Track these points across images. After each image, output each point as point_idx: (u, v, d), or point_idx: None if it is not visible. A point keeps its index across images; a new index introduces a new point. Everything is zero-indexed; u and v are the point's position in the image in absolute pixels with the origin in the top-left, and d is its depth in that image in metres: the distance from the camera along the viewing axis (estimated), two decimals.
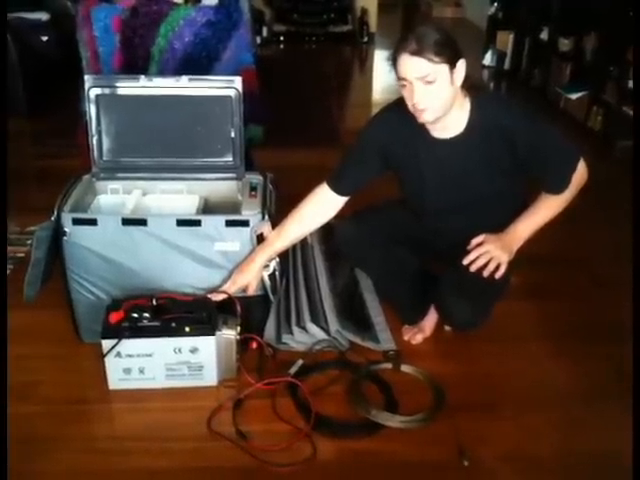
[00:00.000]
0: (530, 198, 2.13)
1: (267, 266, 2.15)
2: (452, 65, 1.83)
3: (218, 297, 2.11)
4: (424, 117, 1.91)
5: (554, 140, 2.01)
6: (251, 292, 2.15)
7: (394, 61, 1.85)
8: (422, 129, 1.99)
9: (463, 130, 1.98)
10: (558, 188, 2.05)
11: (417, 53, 1.79)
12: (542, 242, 2.14)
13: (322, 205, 2.17)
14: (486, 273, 1.99)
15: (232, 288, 2.13)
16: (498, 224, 2.08)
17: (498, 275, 2.00)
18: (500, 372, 2.22)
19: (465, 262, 2.00)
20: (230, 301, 2.10)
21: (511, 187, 2.11)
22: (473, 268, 1.99)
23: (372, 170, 2.15)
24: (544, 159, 1.99)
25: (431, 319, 2.36)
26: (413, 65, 1.82)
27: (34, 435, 1.92)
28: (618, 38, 4.20)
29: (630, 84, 4.08)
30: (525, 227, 2.07)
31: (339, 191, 2.15)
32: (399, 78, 1.87)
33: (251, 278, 2.13)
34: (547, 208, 2.08)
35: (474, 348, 2.32)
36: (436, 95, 1.85)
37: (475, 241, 2.04)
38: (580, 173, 2.05)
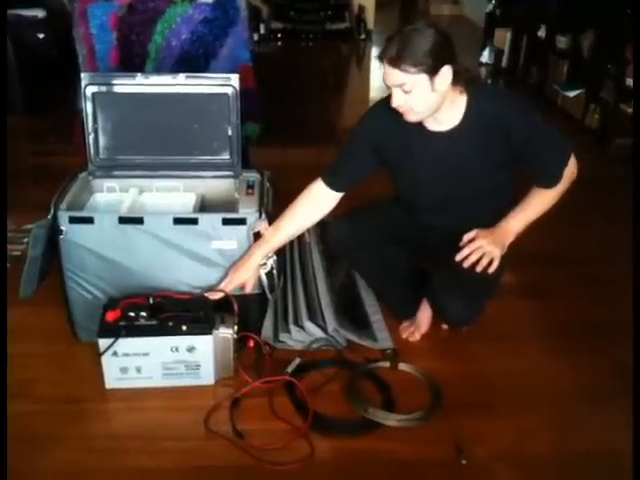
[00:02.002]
0: (519, 194, 2.13)
1: (264, 264, 2.15)
2: (433, 73, 1.82)
3: (215, 296, 2.11)
4: (407, 118, 1.93)
5: (548, 134, 2.02)
6: (248, 290, 2.15)
7: (380, 61, 1.87)
8: (416, 123, 1.99)
9: (458, 123, 1.97)
10: (550, 182, 2.05)
11: (394, 64, 1.80)
12: (539, 240, 2.15)
13: (317, 201, 2.17)
14: (479, 268, 1.98)
15: (229, 286, 2.12)
16: (490, 219, 2.08)
17: (491, 270, 1.99)
18: (498, 371, 2.22)
19: (458, 258, 2.00)
20: (227, 300, 2.10)
21: (504, 181, 2.11)
22: (466, 264, 1.98)
23: (366, 166, 2.15)
24: (537, 152, 2.00)
25: (425, 314, 2.36)
26: (390, 74, 1.84)
27: (31, 434, 1.91)
28: (616, 36, 4.19)
29: (628, 82, 4.07)
30: (517, 222, 2.07)
31: (334, 187, 2.15)
32: (383, 80, 1.89)
33: (248, 276, 2.13)
34: (538, 202, 2.08)
35: (472, 347, 2.32)
36: (414, 102, 1.87)
37: (467, 237, 2.03)
38: (571, 169, 2.05)
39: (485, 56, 6.57)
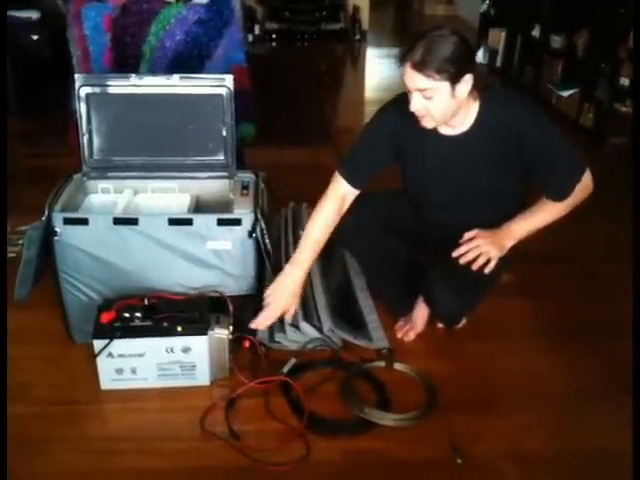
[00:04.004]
0: (529, 199, 2.13)
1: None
2: (456, 81, 1.83)
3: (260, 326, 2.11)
4: (423, 123, 1.94)
5: (561, 147, 2.02)
6: (289, 316, 2.16)
7: (401, 63, 1.86)
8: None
9: (470, 128, 1.99)
10: (559, 196, 2.06)
11: (418, 68, 1.81)
12: (535, 239, 2.15)
13: (340, 201, 2.15)
14: (475, 267, 2.00)
15: (271, 318, 2.12)
16: (494, 221, 2.09)
17: (487, 270, 2.01)
18: (494, 370, 2.22)
19: (455, 254, 2.02)
20: (222, 300, 2.09)
21: (511, 186, 2.13)
22: (462, 260, 2.01)
23: (386, 157, 2.15)
24: (548, 164, 2.00)
25: (422, 312, 2.36)
26: (412, 78, 1.84)
27: (28, 436, 1.91)
28: (609, 35, 4.20)
29: (621, 81, 4.08)
30: (520, 227, 2.08)
31: (355, 183, 2.14)
32: (403, 82, 1.88)
33: (290, 298, 2.13)
34: (546, 212, 2.09)
35: (468, 346, 2.32)
36: (434, 108, 1.88)
37: (468, 235, 2.05)
38: (585, 184, 2.05)
39: (479, 56, 6.57)
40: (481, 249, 2.01)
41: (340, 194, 2.16)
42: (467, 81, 1.86)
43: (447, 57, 1.79)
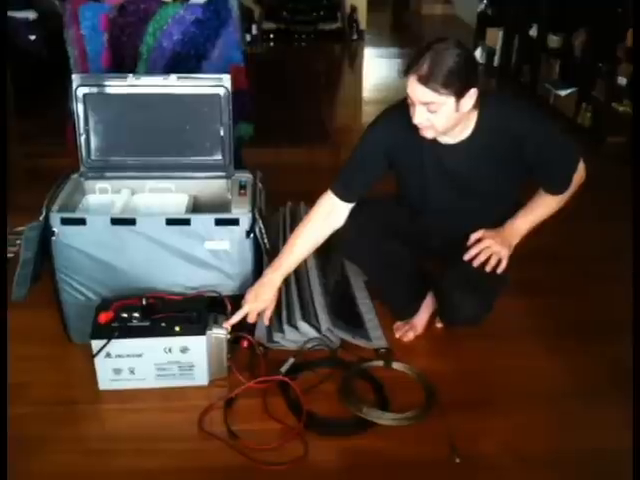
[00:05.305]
0: (524, 196, 2.13)
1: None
2: (461, 95, 1.81)
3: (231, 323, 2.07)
4: (424, 134, 1.92)
5: (558, 143, 2.03)
6: (268, 316, 2.13)
7: (405, 75, 1.84)
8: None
9: (469, 135, 1.98)
10: (560, 189, 2.06)
11: (424, 81, 1.78)
12: (533, 238, 2.15)
13: (330, 216, 2.13)
14: (488, 268, 2.00)
15: (251, 316, 2.08)
16: (493, 222, 2.09)
17: (500, 270, 2.01)
18: (492, 369, 2.22)
19: (466, 258, 2.01)
20: (220, 300, 2.09)
21: (511, 187, 2.13)
22: (476, 263, 2.00)
23: (379, 172, 2.13)
24: (550, 162, 2.01)
25: (423, 316, 2.36)
26: (418, 91, 1.81)
27: (26, 436, 1.91)
28: (607, 35, 4.20)
29: (619, 80, 4.09)
30: (523, 223, 2.09)
31: (348, 199, 2.12)
32: (407, 94, 1.87)
33: (268, 303, 2.11)
34: (545, 206, 2.10)
35: (466, 345, 2.32)
36: (437, 121, 1.86)
37: (474, 237, 2.04)
38: (580, 173, 2.06)
39: (477, 55, 6.58)
40: (492, 249, 2.01)
41: (331, 208, 2.13)
42: (472, 95, 1.84)
43: (453, 70, 1.77)
